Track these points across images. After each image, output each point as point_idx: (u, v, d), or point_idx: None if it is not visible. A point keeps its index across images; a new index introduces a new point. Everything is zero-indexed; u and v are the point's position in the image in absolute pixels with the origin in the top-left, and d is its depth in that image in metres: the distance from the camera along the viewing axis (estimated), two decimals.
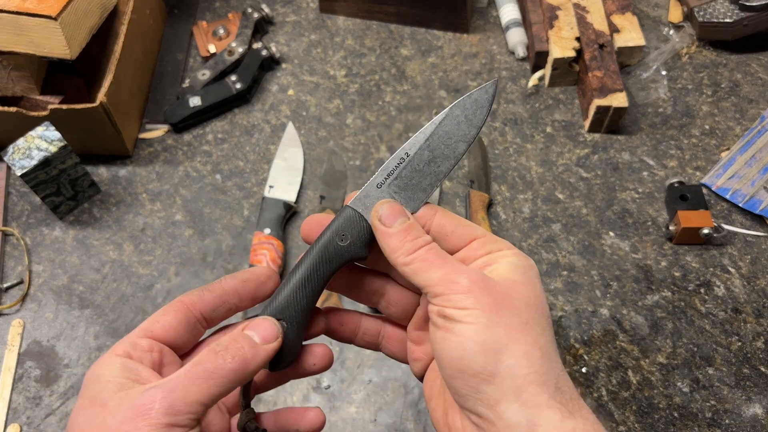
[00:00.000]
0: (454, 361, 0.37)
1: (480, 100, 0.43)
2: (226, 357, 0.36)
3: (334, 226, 0.42)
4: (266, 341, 0.39)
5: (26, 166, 0.74)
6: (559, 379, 0.37)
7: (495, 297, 0.37)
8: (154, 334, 0.39)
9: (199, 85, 0.91)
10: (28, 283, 0.78)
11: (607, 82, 0.84)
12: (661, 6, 0.98)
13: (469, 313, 0.36)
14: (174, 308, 0.40)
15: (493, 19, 0.98)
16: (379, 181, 0.43)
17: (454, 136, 0.43)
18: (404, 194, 0.43)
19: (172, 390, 0.35)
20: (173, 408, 0.34)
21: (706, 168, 0.84)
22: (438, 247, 0.40)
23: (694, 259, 0.77)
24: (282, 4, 1.01)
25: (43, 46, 0.75)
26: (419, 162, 0.43)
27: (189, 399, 0.35)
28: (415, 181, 0.43)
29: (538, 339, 0.37)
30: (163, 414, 0.34)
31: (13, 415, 0.70)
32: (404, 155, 0.43)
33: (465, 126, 0.43)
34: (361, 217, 0.42)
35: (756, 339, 0.72)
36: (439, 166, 0.43)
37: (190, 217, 0.83)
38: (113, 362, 0.37)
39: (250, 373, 0.37)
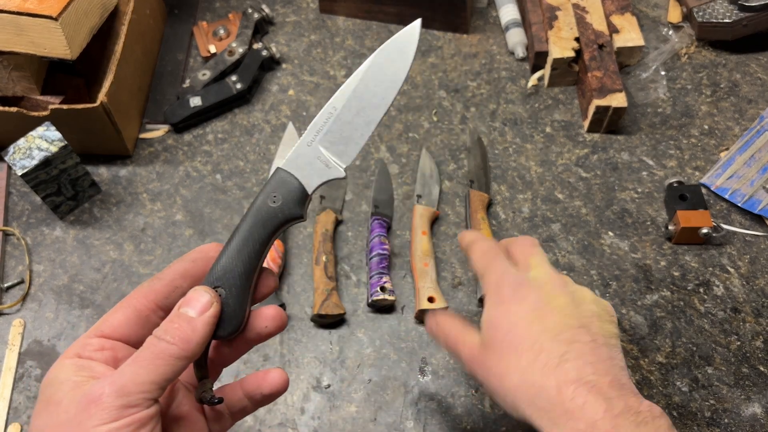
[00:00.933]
0: None
1: (404, 42, 0.43)
2: (167, 338, 0.37)
3: (267, 188, 0.42)
4: (202, 312, 0.39)
5: (27, 166, 0.74)
6: None
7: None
8: (104, 333, 0.40)
9: (199, 85, 0.91)
10: (28, 282, 0.78)
11: (606, 83, 0.84)
12: (660, 6, 0.98)
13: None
14: (123, 305, 0.41)
15: (492, 20, 0.98)
16: (309, 139, 0.42)
17: (381, 84, 0.43)
18: (336, 148, 0.42)
19: (120, 375, 0.36)
20: (124, 389, 0.35)
21: (705, 168, 0.84)
22: (494, 252, 0.57)
23: (694, 258, 0.77)
24: (282, 5, 1.01)
25: (43, 46, 0.75)
26: (348, 114, 0.42)
27: (139, 380, 0.35)
28: (346, 134, 0.42)
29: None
30: (114, 397, 0.35)
31: (14, 414, 0.70)
32: (332, 109, 0.42)
33: (391, 72, 0.43)
34: (292, 176, 0.41)
35: (755, 338, 0.72)
36: (369, 115, 0.43)
37: (190, 217, 0.83)
38: (64, 364, 0.38)
39: (195, 348, 0.38)
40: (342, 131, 0.43)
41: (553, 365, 0.44)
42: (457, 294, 0.75)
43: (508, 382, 0.45)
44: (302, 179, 0.42)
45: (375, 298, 0.73)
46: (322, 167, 0.42)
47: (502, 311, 0.49)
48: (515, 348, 0.46)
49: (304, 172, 0.42)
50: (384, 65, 0.43)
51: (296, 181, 0.42)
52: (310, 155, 0.42)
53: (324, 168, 0.42)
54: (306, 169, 0.42)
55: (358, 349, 0.73)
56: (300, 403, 0.69)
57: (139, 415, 0.35)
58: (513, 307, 0.49)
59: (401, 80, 0.43)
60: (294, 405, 0.69)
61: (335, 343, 0.73)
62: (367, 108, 0.43)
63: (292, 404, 0.69)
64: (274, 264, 0.76)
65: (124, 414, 0.35)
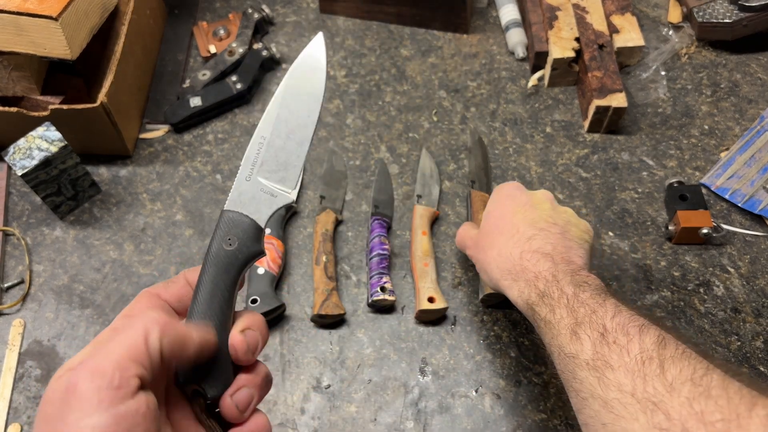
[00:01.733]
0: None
1: (312, 57, 0.43)
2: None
3: (218, 233, 0.40)
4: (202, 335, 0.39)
5: (27, 166, 0.74)
6: (513, 269, 0.59)
7: (477, 244, 0.66)
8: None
9: (199, 85, 0.91)
10: (28, 282, 0.78)
11: (606, 83, 0.84)
12: (660, 6, 0.98)
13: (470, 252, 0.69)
14: (144, 296, 0.41)
15: (492, 20, 0.98)
16: (247, 174, 0.42)
17: (302, 102, 0.42)
18: (276, 176, 0.42)
19: (93, 356, 0.32)
20: (98, 368, 0.31)
21: (705, 168, 0.84)
22: (473, 231, 0.69)
23: (694, 258, 0.77)
24: (282, 5, 1.01)
25: (43, 46, 0.75)
26: (278, 140, 0.42)
27: (113, 356, 0.32)
28: (282, 159, 0.42)
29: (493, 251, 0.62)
30: (88, 379, 0.31)
31: (14, 414, 0.70)
32: (261, 139, 0.42)
33: (308, 88, 0.43)
34: (240, 215, 0.41)
35: (755, 339, 0.72)
36: (299, 136, 0.42)
37: (190, 217, 0.83)
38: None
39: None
40: (277, 158, 0.42)
41: (522, 240, 0.58)
42: (458, 294, 0.75)
43: (490, 254, 0.60)
44: (252, 215, 0.41)
45: (375, 299, 0.73)
46: (268, 198, 0.41)
47: (497, 205, 0.64)
48: (500, 230, 0.61)
49: (252, 208, 0.41)
50: (300, 84, 0.43)
51: (246, 219, 0.41)
52: (253, 189, 0.41)
53: (270, 198, 0.42)
54: (252, 204, 0.41)
55: (358, 349, 0.73)
56: (300, 404, 0.69)
57: (125, 405, 0.31)
58: (507, 201, 0.64)
59: (320, 94, 0.43)
60: (294, 405, 0.69)
61: (335, 343, 0.73)
62: (295, 129, 0.42)
63: (292, 404, 0.69)
64: (274, 264, 0.76)
65: (106, 399, 0.30)
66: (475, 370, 0.71)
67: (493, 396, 0.69)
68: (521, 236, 0.59)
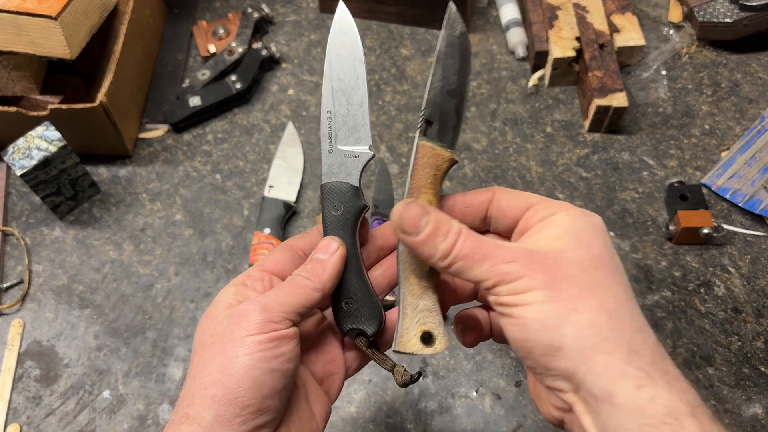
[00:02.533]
0: (520, 344, 0.37)
1: (341, 25, 0.48)
2: (303, 274, 0.43)
3: (325, 206, 0.46)
4: (331, 254, 0.45)
5: (26, 166, 0.74)
6: (633, 341, 0.35)
7: (547, 271, 0.36)
8: (266, 267, 0.46)
9: (199, 85, 0.91)
10: (28, 282, 0.78)
11: (607, 82, 0.84)
12: (661, 6, 0.98)
13: (527, 296, 0.36)
14: (281, 248, 0.48)
15: (493, 19, 0.98)
16: (328, 148, 0.47)
17: (347, 68, 0.48)
18: (352, 138, 0.47)
19: (265, 297, 0.42)
20: (267, 306, 0.41)
21: (706, 168, 0.84)
22: (471, 234, 0.39)
23: (694, 258, 0.77)
24: (282, 4, 1.01)
25: (43, 45, 0.75)
26: (342, 109, 0.47)
27: (279, 301, 0.41)
28: (351, 123, 0.47)
29: (604, 302, 0.36)
30: (259, 312, 0.40)
31: (13, 414, 0.70)
32: (328, 114, 0.47)
33: (348, 52, 0.48)
34: (336, 183, 0.47)
35: (756, 339, 0.72)
36: (357, 97, 0.47)
37: (190, 217, 0.83)
38: (229, 290, 0.44)
39: (326, 282, 0.43)
40: (346, 123, 0.47)
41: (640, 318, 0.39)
42: None
43: (585, 303, 0.37)
44: (345, 179, 0.47)
45: None
46: (353, 160, 0.47)
47: (599, 238, 0.39)
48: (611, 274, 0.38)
49: (343, 173, 0.47)
50: (340, 52, 0.48)
51: (342, 184, 0.47)
52: (338, 158, 0.47)
53: (355, 159, 0.47)
54: (343, 171, 0.47)
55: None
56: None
57: (281, 332, 0.40)
58: (607, 239, 0.40)
59: (360, 54, 0.48)
60: None
61: None
62: (351, 93, 0.48)
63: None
64: None
65: (267, 328, 0.40)
66: (475, 370, 0.71)
67: (493, 396, 0.69)
68: (637, 311, 0.38)
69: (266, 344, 0.39)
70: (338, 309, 0.47)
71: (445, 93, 0.44)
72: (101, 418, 0.70)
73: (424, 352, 0.42)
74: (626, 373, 0.34)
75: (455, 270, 0.38)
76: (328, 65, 0.47)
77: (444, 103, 0.44)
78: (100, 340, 0.74)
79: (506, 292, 0.37)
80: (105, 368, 0.73)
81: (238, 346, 0.39)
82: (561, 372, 0.36)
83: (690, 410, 0.35)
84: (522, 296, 0.36)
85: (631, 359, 0.35)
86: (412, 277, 0.43)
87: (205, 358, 0.40)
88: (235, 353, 0.39)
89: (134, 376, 0.72)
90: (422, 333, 0.42)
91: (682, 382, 0.36)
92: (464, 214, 0.44)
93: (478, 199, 0.44)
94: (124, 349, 0.74)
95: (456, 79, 0.44)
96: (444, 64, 0.44)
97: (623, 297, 0.37)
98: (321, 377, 0.48)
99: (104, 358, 0.73)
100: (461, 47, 0.45)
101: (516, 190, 0.43)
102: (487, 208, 0.44)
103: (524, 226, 0.41)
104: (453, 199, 0.45)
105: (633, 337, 0.36)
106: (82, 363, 0.73)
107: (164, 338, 0.74)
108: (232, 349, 0.39)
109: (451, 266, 0.38)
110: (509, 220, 0.42)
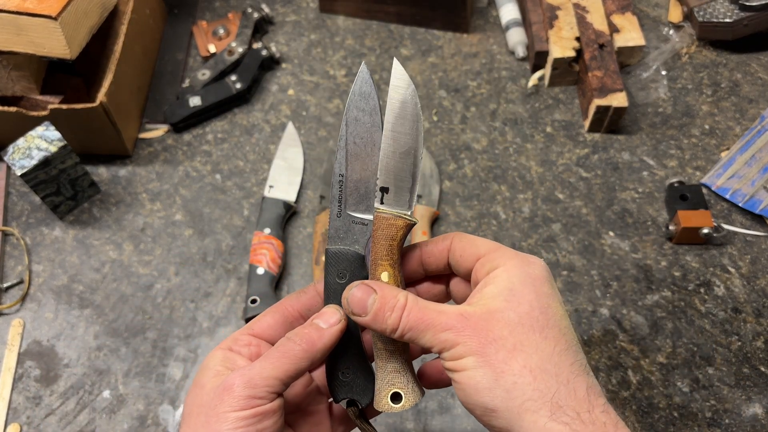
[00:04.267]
0: (465, 405, 0.40)
1: (362, 88, 0.45)
2: (296, 340, 0.43)
3: (329, 272, 0.45)
4: (331, 325, 0.44)
5: (26, 166, 0.74)
6: (556, 396, 0.37)
7: (479, 336, 0.39)
8: (254, 332, 0.46)
9: (199, 85, 0.91)
10: (28, 282, 0.78)
11: (607, 82, 0.84)
12: (661, 6, 0.98)
13: (462, 362, 0.39)
14: (273, 310, 0.47)
15: (493, 19, 0.98)
16: (336, 212, 0.46)
17: (363, 134, 0.45)
18: (363, 205, 0.45)
19: (251, 369, 0.41)
20: (251, 382, 0.41)
21: (706, 168, 0.84)
22: (416, 303, 0.41)
23: (694, 258, 0.77)
24: (282, 4, 1.01)
25: (43, 45, 0.75)
26: (355, 173, 0.45)
27: (264, 374, 0.41)
28: (363, 189, 0.45)
29: (528, 361, 0.38)
30: (243, 388, 0.40)
31: (13, 414, 0.70)
32: (340, 178, 0.46)
33: (367, 118, 0.45)
34: (345, 250, 0.45)
35: (756, 339, 0.72)
36: (371, 163, 0.45)
37: (190, 217, 0.83)
38: (216, 354, 0.44)
39: (318, 352, 0.43)
40: (358, 190, 0.46)
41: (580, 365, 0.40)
42: None
43: (513, 361, 0.39)
44: (352, 246, 0.45)
45: None
46: (362, 227, 0.46)
47: (534, 287, 0.41)
48: (539, 328, 0.40)
49: (350, 240, 0.45)
50: (357, 119, 0.45)
51: (349, 252, 0.45)
52: (346, 223, 0.46)
53: (363, 227, 0.46)
54: (349, 237, 0.46)
55: None
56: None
57: (263, 408, 0.40)
58: (546, 288, 0.42)
59: (379, 118, 0.45)
60: None
61: None
62: (365, 159, 0.45)
63: None
64: (274, 264, 0.76)
65: (251, 404, 0.40)
66: None
67: None
68: (577, 357, 0.40)
69: (249, 420, 0.40)
70: (334, 377, 0.46)
71: (398, 156, 0.45)
72: (101, 418, 0.70)
73: (394, 409, 0.45)
74: (550, 429, 0.37)
75: (407, 339, 0.41)
76: (344, 128, 0.46)
77: (398, 166, 0.45)
78: (100, 340, 0.74)
79: (447, 357, 0.40)
80: (105, 368, 0.73)
81: (221, 421, 0.40)
82: (500, 430, 0.39)
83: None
84: (459, 362, 0.39)
85: (555, 415, 0.37)
86: (379, 343, 0.45)
87: (191, 429, 0.41)
88: (218, 428, 0.40)
89: (134, 376, 0.72)
90: (391, 393, 0.45)
91: (608, 429, 0.38)
92: (428, 264, 0.46)
93: (438, 248, 0.45)
94: (124, 349, 0.74)
95: (408, 139, 0.45)
96: (394, 127, 0.44)
97: (551, 351, 0.39)
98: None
99: (104, 358, 0.73)
100: (411, 105, 0.44)
101: (471, 237, 0.44)
102: (447, 255, 0.45)
103: (475, 279, 0.43)
104: (416, 250, 0.46)
105: (557, 393, 0.38)
106: (82, 363, 0.73)
107: (164, 338, 0.74)
108: (216, 423, 0.40)
109: (402, 337, 0.41)
110: (464, 269, 0.44)
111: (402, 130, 0.44)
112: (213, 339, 0.74)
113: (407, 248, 0.47)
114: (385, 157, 0.43)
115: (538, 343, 0.39)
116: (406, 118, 0.44)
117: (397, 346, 0.45)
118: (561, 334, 0.40)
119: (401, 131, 0.44)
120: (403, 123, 0.44)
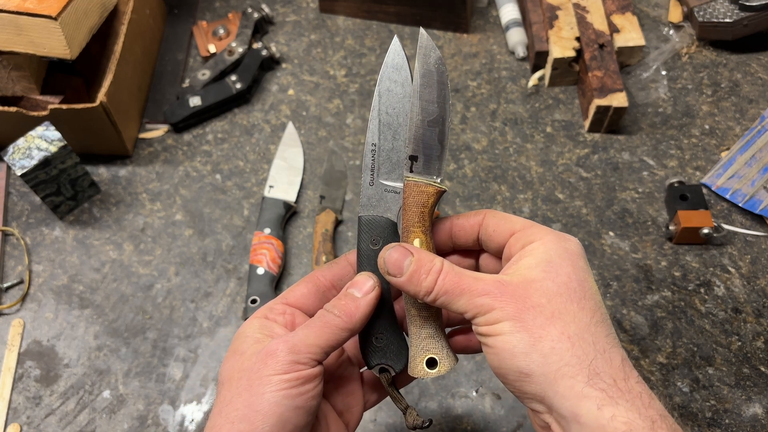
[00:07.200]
0: (497, 370, 0.41)
1: (394, 60, 0.46)
2: (335, 312, 0.44)
3: (362, 239, 0.46)
4: (365, 294, 0.45)
5: (26, 166, 0.74)
6: (594, 364, 0.38)
7: (516, 302, 0.39)
8: (288, 301, 0.47)
9: (199, 85, 0.91)
10: (28, 282, 0.78)
11: (607, 82, 0.84)
12: (661, 6, 0.98)
13: (498, 326, 0.39)
14: (306, 280, 0.48)
15: (493, 19, 0.98)
16: (369, 180, 0.47)
17: (396, 104, 0.46)
18: (394, 174, 0.47)
19: (294, 336, 0.43)
20: (295, 348, 0.42)
21: (706, 168, 0.84)
22: (452, 268, 0.42)
23: (694, 258, 0.77)
24: (282, 4, 1.01)
25: (43, 45, 0.75)
26: (387, 143, 0.47)
27: (308, 342, 0.42)
28: (395, 158, 0.46)
29: (566, 329, 0.39)
30: (286, 353, 0.42)
31: (13, 414, 0.70)
32: (372, 147, 0.47)
33: (399, 89, 0.46)
34: (378, 217, 0.46)
35: (756, 339, 0.72)
36: (403, 133, 0.46)
37: (190, 217, 0.83)
38: (253, 323, 0.45)
39: (357, 322, 0.44)
40: (390, 158, 0.47)
41: (614, 338, 0.41)
42: None
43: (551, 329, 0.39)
44: (385, 214, 0.46)
45: None
46: (393, 195, 0.47)
47: (571, 261, 0.42)
48: (578, 298, 0.41)
49: (382, 208, 0.47)
50: (389, 88, 0.46)
51: (384, 219, 0.46)
52: (378, 191, 0.47)
53: (395, 195, 0.47)
54: (382, 205, 0.47)
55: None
56: None
57: (305, 372, 0.42)
58: (581, 263, 0.42)
59: (409, 90, 0.46)
60: None
61: None
62: (399, 128, 0.46)
63: None
64: (274, 264, 0.76)
65: (293, 368, 0.41)
66: (475, 370, 0.71)
67: (493, 396, 0.69)
68: (611, 330, 0.40)
69: (292, 383, 0.41)
70: (368, 343, 0.47)
71: (426, 125, 0.45)
72: (101, 418, 0.70)
73: (430, 375, 0.46)
74: (587, 395, 0.37)
75: (440, 304, 0.42)
76: (377, 99, 0.47)
77: (426, 135, 0.45)
78: (100, 340, 0.74)
79: (482, 323, 0.40)
80: (105, 368, 0.73)
81: (264, 384, 0.41)
82: (533, 396, 0.39)
83: (650, 425, 0.37)
84: (494, 327, 0.40)
85: (592, 381, 0.37)
86: (413, 310, 0.46)
87: (232, 393, 0.42)
88: (262, 390, 0.41)
89: (134, 376, 0.72)
90: (426, 359, 0.46)
91: (644, 399, 0.38)
92: (457, 237, 0.47)
93: (469, 222, 0.46)
94: (124, 349, 0.74)
95: (436, 108, 0.45)
96: (422, 95, 0.45)
97: (588, 322, 0.40)
98: (341, 410, 0.49)
99: (104, 358, 0.73)
100: (438, 74, 0.45)
101: (504, 214, 0.46)
102: (478, 230, 0.46)
103: (508, 253, 0.44)
104: (447, 222, 0.47)
105: (594, 361, 0.38)
106: (82, 363, 0.73)
107: (164, 338, 0.74)
108: (259, 386, 0.41)
109: (435, 300, 0.42)
110: (496, 244, 0.45)
111: (429, 98, 0.45)
112: (213, 339, 0.74)
113: (438, 220, 0.48)
114: (413, 125, 0.45)
115: (575, 313, 0.39)
116: (433, 86, 0.45)
117: (431, 312, 0.45)
118: (597, 307, 0.40)
119: (428, 99, 0.45)
120: (431, 91, 0.45)
